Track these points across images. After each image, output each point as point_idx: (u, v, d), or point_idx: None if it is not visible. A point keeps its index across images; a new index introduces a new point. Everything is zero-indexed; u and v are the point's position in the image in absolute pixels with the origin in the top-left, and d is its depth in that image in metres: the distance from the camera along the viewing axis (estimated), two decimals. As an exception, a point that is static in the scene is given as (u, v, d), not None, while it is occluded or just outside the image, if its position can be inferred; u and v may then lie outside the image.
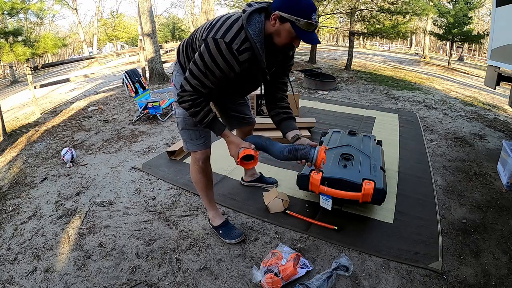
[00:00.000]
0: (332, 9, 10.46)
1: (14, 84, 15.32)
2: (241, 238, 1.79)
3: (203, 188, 1.79)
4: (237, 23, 1.26)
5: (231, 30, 1.25)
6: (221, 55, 1.25)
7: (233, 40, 1.24)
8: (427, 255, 1.69)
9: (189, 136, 1.65)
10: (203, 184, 1.76)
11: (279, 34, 1.26)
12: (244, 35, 1.25)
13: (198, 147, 1.66)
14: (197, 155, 1.69)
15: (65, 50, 37.61)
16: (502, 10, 3.26)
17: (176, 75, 1.63)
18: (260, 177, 2.38)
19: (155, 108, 4.17)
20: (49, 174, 2.83)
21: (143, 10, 7.29)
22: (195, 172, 1.74)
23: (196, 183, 1.78)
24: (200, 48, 1.30)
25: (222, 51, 1.24)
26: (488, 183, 2.55)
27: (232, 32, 1.24)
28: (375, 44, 32.75)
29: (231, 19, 1.28)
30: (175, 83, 1.62)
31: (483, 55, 28.91)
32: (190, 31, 28.49)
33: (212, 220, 1.87)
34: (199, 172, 1.73)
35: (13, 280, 1.62)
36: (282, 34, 1.25)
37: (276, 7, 1.22)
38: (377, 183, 1.82)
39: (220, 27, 1.26)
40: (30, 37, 5.60)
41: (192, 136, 1.65)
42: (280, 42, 1.29)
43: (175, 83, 1.62)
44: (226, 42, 1.23)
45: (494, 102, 6.37)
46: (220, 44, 1.24)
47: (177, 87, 1.54)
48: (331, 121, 4.07)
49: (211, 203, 1.85)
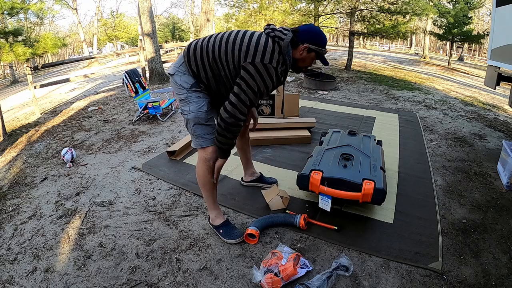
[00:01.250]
0: (332, 9, 10.46)
1: (14, 84, 15.33)
2: (242, 238, 1.80)
3: (210, 189, 1.81)
4: (277, 50, 1.53)
5: (274, 55, 1.52)
6: (270, 78, 1.53)
7: (277, 64, 1.53)
8: (427, 255, 1.69)
9: (203, 131, 1.70)
10: (207, 181, 1.78)
11: (304, 60, 1.62)
12: (283, 60, 1.56)
13: (212, 141, 1.70)
14: (208, 153, 1.72)
15: (65, 50, 37.64)
16: (502, 10, 3.26)
17: (181, 75, 1.67)
18: (260, 177, 2.39)
19: (155, 108, 4.17)
20: (49, 174, 2.83)
21: (143, 10, 7.29)
22: (204, 171, 1.75)
23: (204, 183, 1.79)
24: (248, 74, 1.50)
25: (272, 74, 1.53)
26: (488, 183, 2.55)
27: (275, 57, 1.52)
28: (375, 44, 32.75)
29: (269, 45, 1.52)
30: (181, 82, 1.66)
31: (483, 55, 28.91)
32: (190, 31, 28.53)
33: (213, 220, 1.88)
34: (208, 172, 1.75)
35: (13, 280, 1.62)
36: (307, 60, 1.62)
37: (304, 40, 1.56)
38: (377, 183, 1.82)
39: (263, 54, 1.50)
40: (30, 37, 5.61)
41: (205, 130, 1.70)
42: (303, 65, 1.65)
43: (181, 82, 1.66)
44: (274, 67, 1.51)
45: (494, 102, 6.37)
46: (269, 69, 1.51)
47: (183, 86, 1.65)
48: (331, 121, 4.07)
49: (215, 204, 1.87)
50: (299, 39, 1.56)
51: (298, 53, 1.59)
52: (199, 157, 1.76)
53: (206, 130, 1.69)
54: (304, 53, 1.58)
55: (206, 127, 1.69)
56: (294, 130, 3.41)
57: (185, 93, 1.67)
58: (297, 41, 1.56)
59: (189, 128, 1.73)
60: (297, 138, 3.27)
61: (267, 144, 3.19)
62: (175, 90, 1.73)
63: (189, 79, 1.65)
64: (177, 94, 1.72)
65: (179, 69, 1.68)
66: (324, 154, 2.19)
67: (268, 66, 1.49)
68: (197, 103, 1.66)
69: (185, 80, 1.65)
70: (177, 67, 1.69)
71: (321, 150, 2.25)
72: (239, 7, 10.97)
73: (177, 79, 1.68)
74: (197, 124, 1.68)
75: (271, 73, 1.51)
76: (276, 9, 10.07)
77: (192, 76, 1.65)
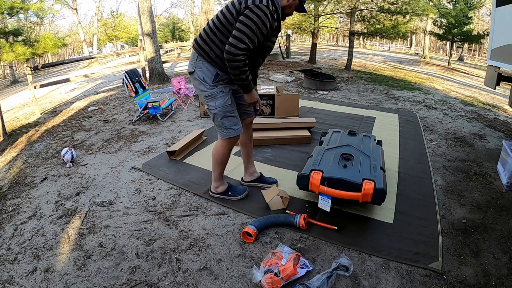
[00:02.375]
0: (332, 9, 10.47)
1: (14, 84, 15.32)
2: (247, 191, 2.19)
3: (222, 163, 2.10)
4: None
5: None
6: (264, 14, 1.69)
7: (268, 4, 1.71)
8: (427, 255, 1.69)
9: (230, 122, 1.93)
10: (224, 160, 2.08)
11: (290, 6, 1.84)
12: (272, 2, 1.74)
13: (237, 131, 1.97)
14: (234, 140, 1.99)
15: (65, 50, 37.63)
16: (502, 10, 3.26)
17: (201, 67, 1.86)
18: (260, 177, 2.40)
19: (155, 108, 4.17)
20: (49, 174, 2.83)
21: (143, 10, 7.29)
22: (224, 150, 2.03)
23: (220, 159, 2.07)
24: (246, 12, 1.69)
25: (264, 11, 1.69)
26: (488, 183, 2.55)
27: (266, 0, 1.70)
28: (375, 44, 32.74)
29: None
30: (203, 76, 1.86)
31: (483, 55, 28.91)
32: (190, 31, 28.54)
33: (216, 189, 2.18)
34: (228, 151, 2.05)
35: (13, 280, 1.62)
36: (292, 6, 1.85)
37: None
38: (377, 183, 1.82)
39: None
40: (30, 37, 5.61)
41: (232, 121, 1.94)
42: (289, 12, 1.88)
43: (203, 76, 1.86)
44: (265, 5, 1.69)
45: (494, 102, 6.37)
46: (262, 8, 1.68)
47: (206, 81, 1.86)
48: (331, 121, 4.07)
49: (220, 175, 2.16)
50: None
51: (286, 1, 1.82)
52: (224, 143, 2.01)
53: (233, 121, 1.94)
54: (290, 1, 1.82)
55: (232, 119, 1.93)
56: (294, 130, 3.41)
57: (208, 89, 1.87)
58: None
59: (217, 121, 1.94)
60: (297, 138, 3.27)
61: (267, 144, 3.19)
62: (198, 88, 1.92)
63: (209, 68, 1.85)
64: (201, 91, 1.91)
65: (196, 63, 1.87)
66: (324, 154, 2.19)
67: (260, 6, 1.68)
68: (222, 98, 1.88)
69: (206, 71, 1.85)
70: (194, 63, 1.88)
71: (321, 150, 2.25)
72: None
73: (199, 74, 1.86)
74: (225, 117, 1.91)
75: (264, 11, 1.69)
76: (276, 9, 10.05)
77: (210, 62, 1.84)
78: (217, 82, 1.86)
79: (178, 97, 5.14)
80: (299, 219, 1.88)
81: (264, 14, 1.69)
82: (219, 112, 1.89)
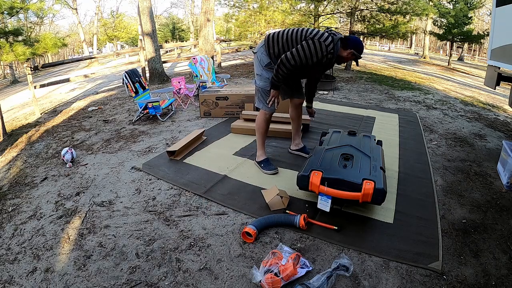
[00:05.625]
0: (332, 9, 10.45)
1: (14, 84, 15.32)
2: (276, 171, 2.56)
3: (263, 133, 2.60)
4: (331, 38, 2.14)
5: (327, 39, 2.13)
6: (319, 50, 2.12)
7: (328, 47, 2.12)
8: (427, 255, 1.69)
9: (264, 99, 2.47)
10: (264, 130, 2.59)
11: (347, 59, 2.26)
12: (333, 46, 2.14)
13: (269, 109, 2.49)
14: (267, 113, 2.53)
15: (65, 50, 37.60)
16: (502, 10, 3.25)
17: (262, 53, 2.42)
18: (303, 147, 2.93)
19: (155, 108, 4.17)
20: (49, 174, 2.83)
21: (143, 10, 7.29)
22: (262, 122, 2.56)
23: (260, 128, 2.58)
24: (308, 41, 2.13)
25: (321, 48, 2.12)
26: (488, 183, 2.55)
27: (329, 41, 2.13)
28: (375, 44, 32.72)
29: (325, 34, 2.15)
30: (261, 58, 2.42)
31: (483, 55, 28.90)
32: (190, 31, 28.57)
33: (258, 157, 2.67)
34: (265, 122, 2.56)
35: (13, 280, 1.62)
36: (348, 58, 2.25)
37: (353, 47, 2.17)
38: (377, 183, 1.82)
39: (321, 35, 2.14)
40: (30, 36, 5.60)
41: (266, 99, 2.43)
42: (343, 61, 2.31)
43: (261, 57, 2.42)
44: (325, 45, 2.12)
45: (494, 102, 6.37)
46: (321, 45, 2.12)
47: (261, 63, 2.42)
48: (331, 121, 4.07)
49: (263, 144, 2.65)
50: (349, 45, 2.17)
51: (345, 53, 2.20)
52: (260, 114, 2.57)
53: (267, 98, 2.42)
54: (349, 55, 2.20)
55: (267, 97, 2.43)
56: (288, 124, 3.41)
57: (261, 69, 2.44)
58: (346, 45, 2.18)
59: (257, 94, 2.54)
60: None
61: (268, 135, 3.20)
62: (255, 64, 2.50)
63: (266, 58, 2.40)
64: (256, 67, 2.49)
65: (260, 49, 2.42)
66: (324, 154, 2.19)
67: (321, 42, 2.10)
68: (265, 82, 2.44)
69: (263, 58, 2.40)
70: (259, 47, 2.44)
71: (321, 150, 2.25)
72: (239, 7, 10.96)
73: (259, 55, 2.43)
74: (263, 93, 2.48)
75: (321, 48, 2.10)
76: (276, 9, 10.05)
77: (267, 55, 2.38)
78: (268, 67, 2.40)
79: (178, 97, 5.14)
80: (299, 219, 1.88)
81: (319, 49, 2.11)
82: (259, 88, 2.48)
